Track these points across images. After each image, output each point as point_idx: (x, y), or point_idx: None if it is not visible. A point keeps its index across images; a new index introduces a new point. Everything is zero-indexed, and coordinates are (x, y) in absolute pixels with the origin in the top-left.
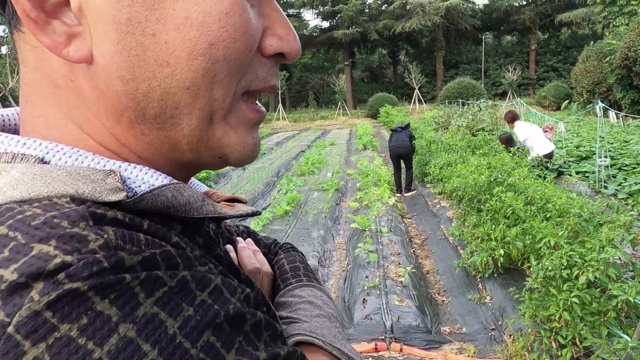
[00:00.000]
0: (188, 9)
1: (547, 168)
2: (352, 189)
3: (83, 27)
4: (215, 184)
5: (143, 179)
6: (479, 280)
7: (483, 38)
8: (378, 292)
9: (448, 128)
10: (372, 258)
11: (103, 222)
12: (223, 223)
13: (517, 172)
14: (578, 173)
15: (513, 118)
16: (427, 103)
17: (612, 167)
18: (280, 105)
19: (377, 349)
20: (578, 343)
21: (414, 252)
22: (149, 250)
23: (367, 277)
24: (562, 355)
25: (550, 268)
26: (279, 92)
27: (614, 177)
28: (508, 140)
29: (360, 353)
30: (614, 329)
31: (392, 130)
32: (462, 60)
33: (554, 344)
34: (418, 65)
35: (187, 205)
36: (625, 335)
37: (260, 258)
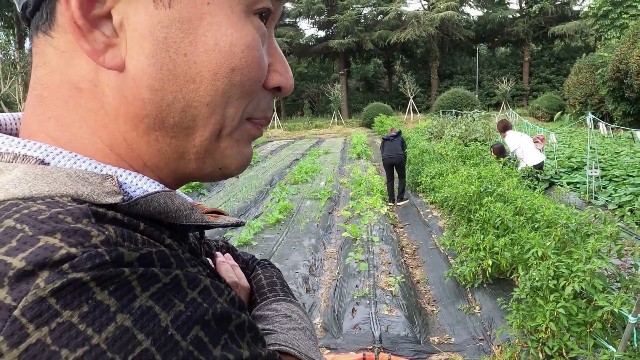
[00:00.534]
0: (218, 38)
1: (537, 179)
2: (344, 198)
3: (120, 39)
4: (209, 192)
5: (137, 185)
6: (469, 290)
7: (477, 49)
8: (368, 301)
9: (442, 138)
10: (362, 267)
11: (104, 220)
12: (204, 236)
13: (506, 182)
14: (569, 184)
15: (505, 127)
16: (421, 113)
17: (602, 178)
18: (275, 114)
19: (365, 359)
20: (564, 354)
21: (405, 261)
22: (146, 249)
23: (357, 286)
24: None
25: (538, 278)
26: (275, 100)
27: (605, 188)
28: (500, 151)
29: None
30: (600, 340)
31: (384, 139)
32: (456, 71)
33: (541, 355)
34: (413, 75)
35: (177, 212)
36: (611, 346)
37: (238, 272)
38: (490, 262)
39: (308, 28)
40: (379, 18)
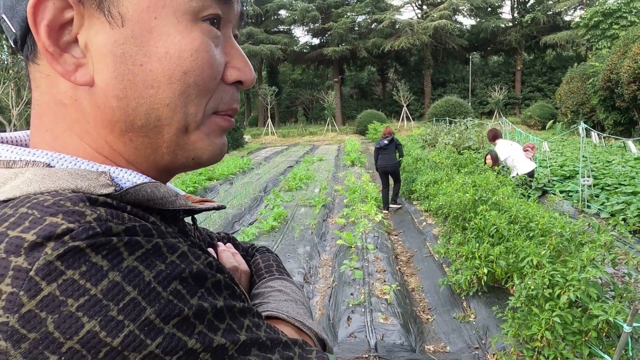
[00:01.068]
0: (168, 47)
1: (529, 186)
2: (339, 205)
3: (87, 59)
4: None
5: (128, 179)
6: (464, 299)
7: (470, 58)
8: (363, 309)
9: (435, 146)
10: (357, 275)
11: (96, 204)
12: (203, 229)
13: (501, 190)
14: (562, 192)
15: (495, 136)
16: (415, 120)
17: (594, 186)
18: (270, 121)
19: None
20: None
21: (400, 269)
22: (131, 223)
23: (352, 294)
24: None
25: (533, 287)
26: (268, 107)
27: (597, 196)
28: (496, 159)
29: None
30: (595, 349)
31: (376, 148)
32: (449, 79)
33: None
34: (406, 83)
35: (163, 199)
36: (606, 355)
37: (239, 259)
38: (486, 270)
39: (302, 35)
40: (373, 26)
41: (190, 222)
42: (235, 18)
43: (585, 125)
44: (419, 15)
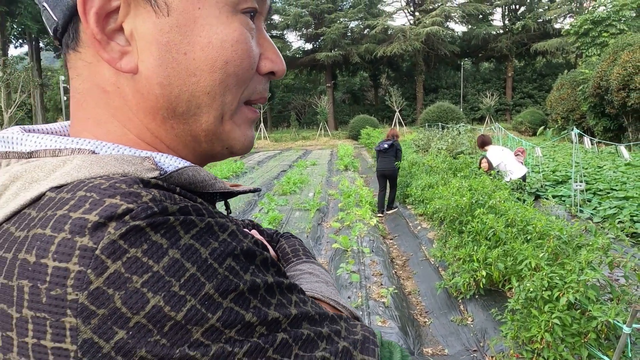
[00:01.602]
0: (210, 36)
1: (523, 190)
2: (333, 209)
3: (132, 47)
4: None
5: (170, 163)
6: (461, 302)
7: (462, 64)
8: (360, 312)
9: (428, 151)
10: (354, 278)
11: (149, 186)
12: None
13: (497, 194)
14: (554, 197)
15: (483, 143)
16: (407, 126)
17: (587, 191)
18: (262, 125)
19: None
20: None
21: (396, 273)
22: (184, 203)
23: (349, 297)
24: None
25: (532, 289)
26: (261, 111)
27: (589, 201)
28: (489, 164)
29: None
30: (594, 351)
31: (377, 150)
32: (441, 85)
33: None
34: (399, 89)
35: (203, 182)
36: (605, 357)
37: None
38: (484, 272)
39: (295, 40)
40: (366, 32)
41: (225, 207)
42: (266, 11)
43: (578, 131)
44: (411, 22)
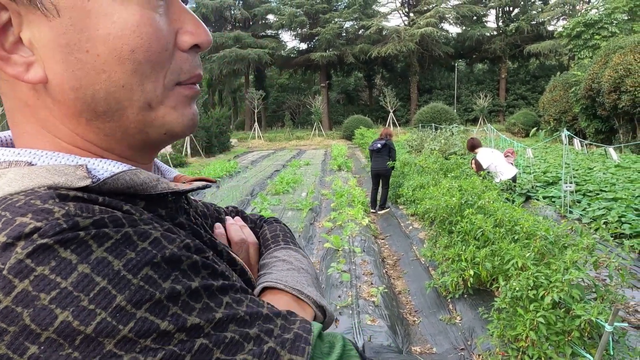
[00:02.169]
0: (108, 27)
1: (514, 191)
2: (326, 209)
3: (35, 56)
4: None
5: (106, 169)
6: (450, 301)
7: (456, 65)
8: (350, 311)
9: (421, 151)
10: (345, 278)
11: (67, 199)
12: (211, 204)
13: (486, 195)
14: (545, 198)
15: (473, 146)
16: (401, 126)
17: (577, 192)
18: (256, 125)
19: None
20: None
21: (387, 272)
22: (100, 215)
23: (339, 296)
24: None
25: (518, 288)
26: (255, 111)
27: (579, 202)
28: (477, 166)
29: None
30: (578, 349)
31: (370, 150)
32: (435, 86)
33: None
34: (393, 89)
35: (143, 185)
36: (589, 355)
37: (247, 231)
38: (472, 272)
39: (290, 40)
40: (361, 32)
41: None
42: None
43: (568, 132)
44: (406, 22)
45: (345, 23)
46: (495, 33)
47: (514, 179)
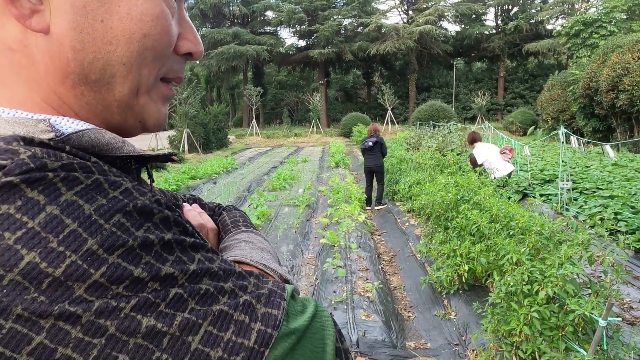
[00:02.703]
0: (130, 8)
1: (505, 185)
2: (323, 205)
3: (44, 6)
4: None
5: (70, 126)
6: (445, 297)
7: (454, 63)
8: (345, 306)
9: (419, 149)
10: (340, 273)
11: (32, 144)
12: (167, 190)
13: (482, 191)
14: (542, 195)
15: (473, 140)
16: (399, 124)
17: (573, 190)
18: (254, 121)
19: None
20: (538, 357)
21: (382, 268)
22: (68, 160)
23: (334, 292)
24: None
25: (512, 283)
26: (253, 108)
27: (575, 200)
28: (472, 162)
29: None
30: (571, 344)
31: (362, 149)
32: (434, 84)
33: (515, 358)
34: (391, 87)
35: (108, 145)
36: (582, 350)
37: (205, 217)
38: (467, 267)
39: (289, 37)
40: (359, 30)
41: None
42: None
43: (566, 130)
44: (405, 20)
45: (344, 20)
46: (494, 31)
47: (509, 176)
